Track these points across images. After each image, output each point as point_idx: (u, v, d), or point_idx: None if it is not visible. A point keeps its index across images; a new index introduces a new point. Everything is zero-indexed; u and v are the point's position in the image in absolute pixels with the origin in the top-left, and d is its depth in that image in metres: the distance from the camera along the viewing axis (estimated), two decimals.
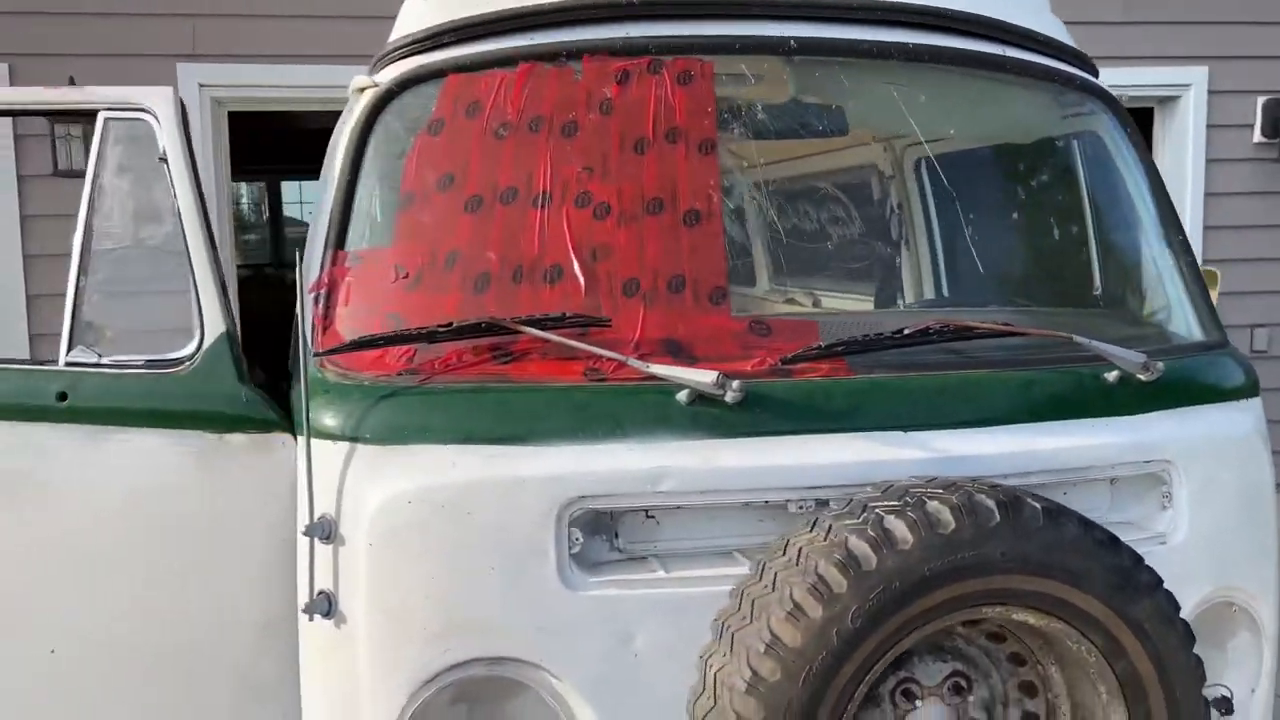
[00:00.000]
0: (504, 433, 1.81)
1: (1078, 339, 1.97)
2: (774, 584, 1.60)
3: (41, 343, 5.31)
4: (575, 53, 2.15)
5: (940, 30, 2.33)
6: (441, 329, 1.87)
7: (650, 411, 1.83)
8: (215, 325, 1.99)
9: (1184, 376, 2.09)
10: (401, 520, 1.78)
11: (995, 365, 2.01)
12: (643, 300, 1.94)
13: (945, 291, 2.87)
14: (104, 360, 2.02)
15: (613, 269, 1.97)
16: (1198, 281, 2.36)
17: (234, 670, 1.97)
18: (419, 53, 2.18)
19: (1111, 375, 2.01)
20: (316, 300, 1.99)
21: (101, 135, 2.11)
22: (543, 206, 2.02)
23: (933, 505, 1.59)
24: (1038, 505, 1.61)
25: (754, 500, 1.83)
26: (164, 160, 2.06)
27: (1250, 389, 2.19)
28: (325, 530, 1.83)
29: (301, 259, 1.99)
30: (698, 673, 1.69)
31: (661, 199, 2.03)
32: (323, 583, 1.84)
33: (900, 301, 2.83)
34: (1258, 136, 5.42)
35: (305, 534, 1.83)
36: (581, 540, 1.80)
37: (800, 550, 1.62)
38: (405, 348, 1.92)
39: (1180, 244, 2.38)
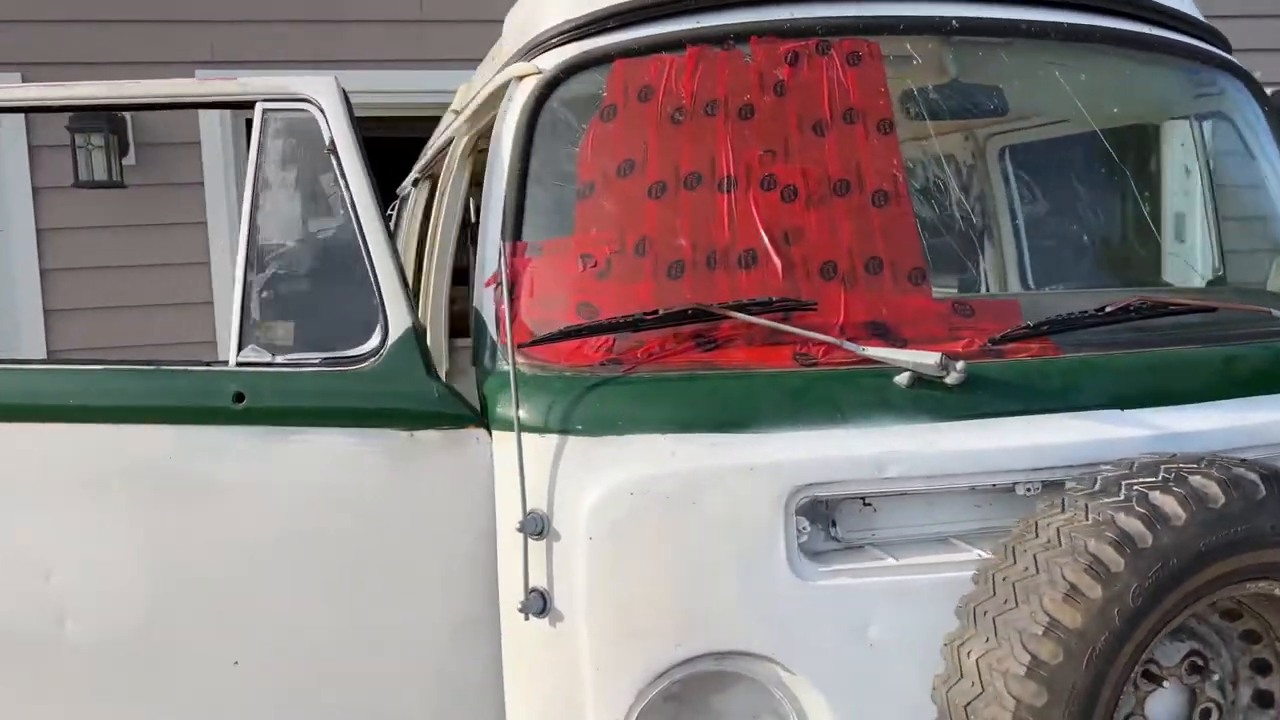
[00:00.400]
0: (725, 420, 1.76)
1: (1276, 313, 1.96)
2: (1036, 566, 1.57)
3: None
4: (742, 35, 2.11)
5: (1089, 9, 2.31)
6: (648, 316, 1.82)
7: (870, 395, 1.79)
8: (400, 320, 1.93)
9: None
10: (623, 512, 1.72)
11: (1191, 342, 1.99)
12: (842, 283, 1.91)
13: (1100, 272, 2.86)
14: (279, 360, 1.95)
15: (807, 252, 1.93)
16: None
17: (431, 674, 1.90)
18: (579, 38, 2.13)
19: None
20: (511, 292, 1.93)
21: (261, 128, 2.04)
22: (729, 191, 1.97)
23: (1197, 480, 1.56)
24: None
25: (980, 484, 1.79)
26: (332, 151, 1.99)
27: None
28: (537, 526, 1.77)
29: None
30: (947, 660, 1.65)
31: (848, 180, 2.00)
32: (535, 580, 1.77)
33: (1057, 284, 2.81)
34: None
35: (519, 530, 1.77)
36: (809, 529, 1.76)
37: (1059, 531, 1.58)
38: (603, 338, 1.86)
39: None
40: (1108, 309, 1.91)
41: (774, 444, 1.74)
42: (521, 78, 2.15)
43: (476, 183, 2.34)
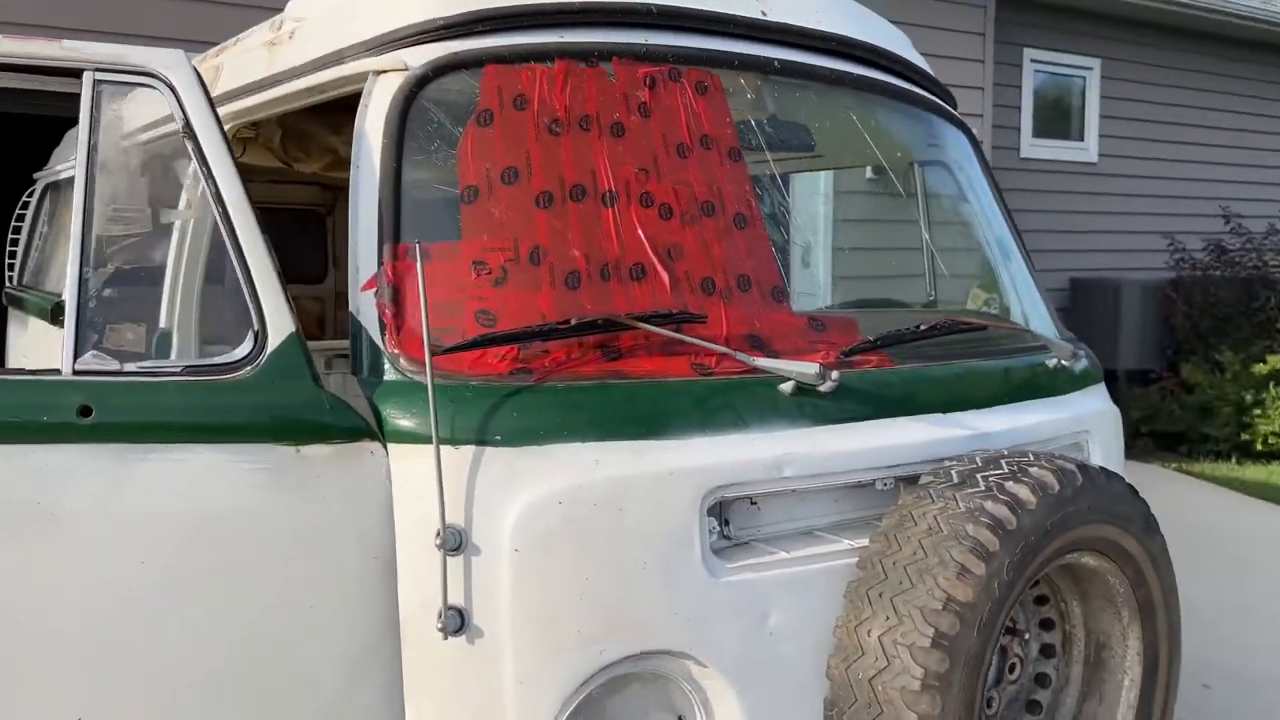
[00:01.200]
0: (645, 427, 1.82)
1: (1035, 332, 2.39)
2: (924, 550, 1.80)
3: None
4: (605, 54, 2.18)
5: (868, 64, 2.66)
6: (562, 326, 1.83)
7: (764, 402, 1.94)
8: (281, 324, 1.76)
9: (1083, 364, 2.60)
10: (553, 522, 1.73)
11: (976, 356, 2.36)
12: (721, 298, 2.04)
13: (864, 295, 3.21)
14: (128, 368, 1.71)
15: (689, 268, 2.04)
16: (1043, 292, 2.91)
17: (324, 704, 1.76)
18: (445, 38, 2.08)
19: (1050, 363, 2.45)
20: (395, 298, 1.84)
21: (92, 102, 1.77)
22: (612, 205, 2.03)
23: (1036, 471, 1.89)
24: (1096, 468, 1.98)
25: (853, 481, 2.00)
26: (189, 135, 1.78)
27: (1102, 374, 2.77)
28: (455, 541, 1.72)
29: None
30: (843, 640, 1.84)
31: (712, 202, 2.14)
32: (452, 598, 1.72)
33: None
34: None
35: (438, 546, 1.70)
36: (717, 529, 1.87)
37: (937, 519, 1.84)
38: (508, 347, 1.84)
39: (1030, 260, 2.93)
40: (923, 327, 2.22)
41: (689, 449, 1.83)
42: (381, 73, 2.05)
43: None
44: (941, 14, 7.62)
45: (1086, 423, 2.47)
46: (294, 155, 3.65)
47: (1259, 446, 8.35)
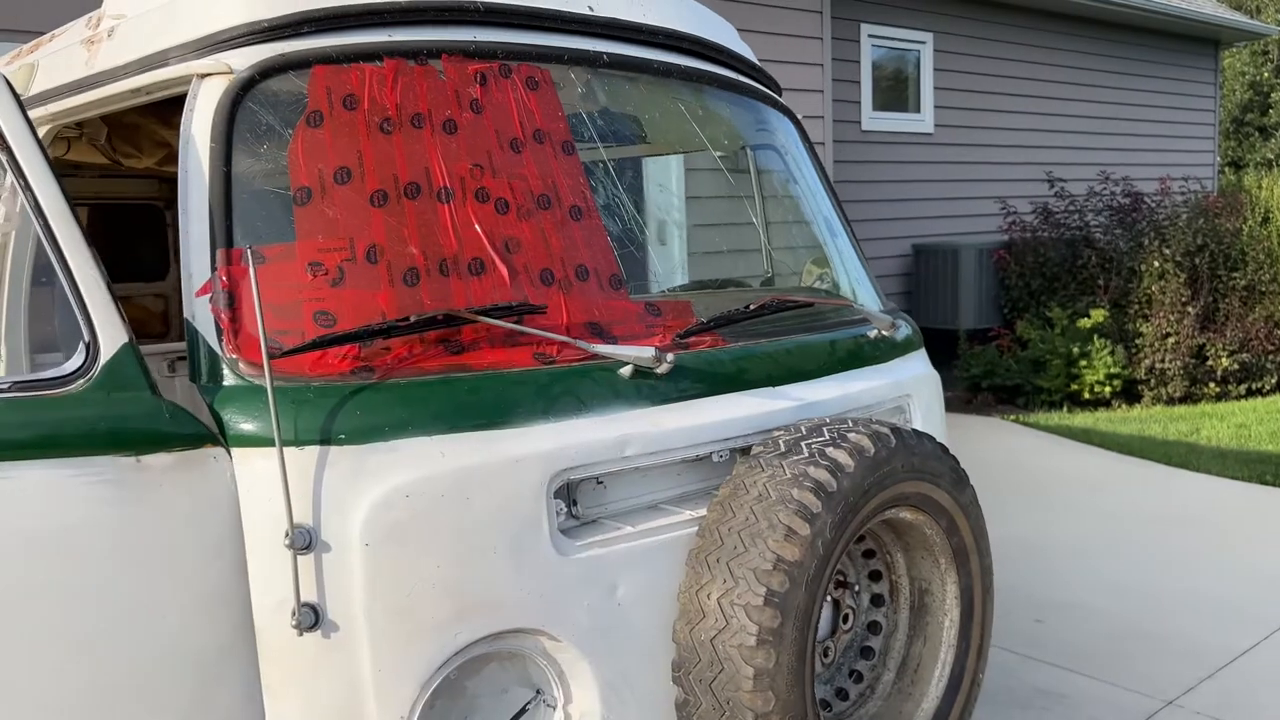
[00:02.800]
0: (488, 418, 1.89)
1: (857, 306, 2.56)
2: (755, 516, 1.94)
3: None
4: (434, 52, 2.22)
5: (695, 55, 2.77)
6: (402, 323, 1.88)
7: (604, 387, 2.03)
8: (114, 334, 1.76)
9: (903, 332, 2.79)
10: (402, 514, 1.79)
11: (804, 331, 2.52)
12: (560, 288, 2.12)
13: (690, 278, 3.33)
14: None
15: (527, 260, 2.11)
16: (867, 265, 3.10)
17: (183, 711, 1.77)
18: (269, 40, 2.09)
19: (872, 333, 2.63)
20: (230, 303, 1.86)
21: None
22: (447, 201, 2.09)
23: (854, 437, 2.05)
24: (908, 430, 2.15)
25: (690, 455, 2.12)
26: (2, 147, 1.75)
27: (922, 340, 2.97)
28: (304, 540, 1.76)
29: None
30: (685, 605, 1.97)
31: (548, 195, 2.21)
32: (304, 595, 1.76)
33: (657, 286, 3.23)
34: None
35: (287, 545, 1.74)
36: (565, 510, 1.96)
37: (766, 486, 1.97)
38: (348, 346, 1.88)
39: (854, 236, 3.11)
40: (751, 307, 2.35)
41: (533, 436, 1.92)
42: (206, 75, 2.04)
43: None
44: None
45: (907, 387, 2.66)
46: (124, 152, 3.55)
47: (1086, 395, 8.99)
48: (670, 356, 2.05)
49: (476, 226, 2.08)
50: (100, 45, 2.47)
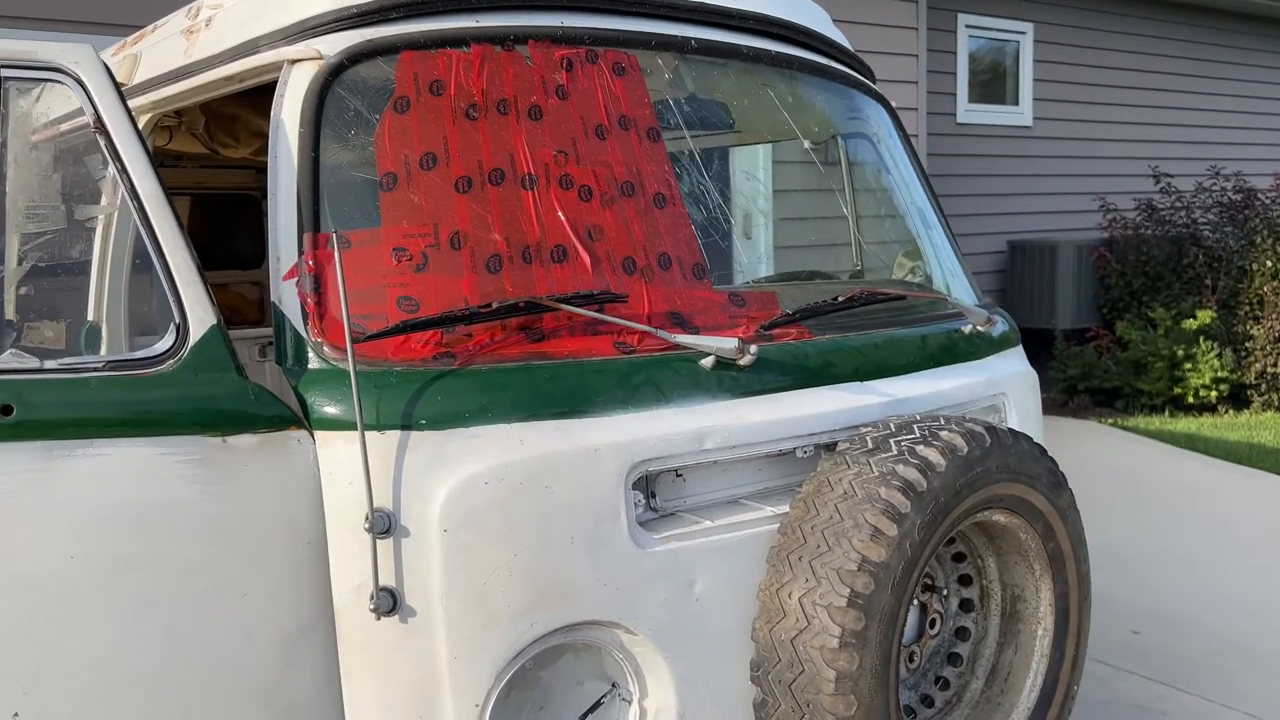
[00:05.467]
0: (567, 406, 1.87)
1: (952, 300, 2.47)
2: (840, 514, 1.88)
3: None
4: (520, 38, 2.20)
5: (785, 40, 2.71)
6: (484, 310, 1.87)
7: (684, 378, 1.99)
8: (202, 317, 1.78)
9: (999, 328, 2.69)
10: (480, 501, 1.77)
11: (894, 325, 2.44)
12: (642, 277, 2.09)
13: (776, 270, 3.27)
14: (49, 365, 1.72)
15: (610, 248, 2.08)
16: (963, 259, 2.99)
17: (261, 689, 1.79)
18: (359, 25, 2.10)
19: (967, 328, 2.54)
20: (317, 287, 1.87)
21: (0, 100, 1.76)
22: (531, 188, 2.07)
23: (946, 435, 1.97)
24: (1004, 429, 2.06)
25: (773, 450, 2.07)
26: (100, 130, 1.78)
27: (1019, 337, 2.86)
28: (384, 524, 1.76)
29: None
30: (765, 603, 1.91)
31: (631, 182, 2.18)
32: (383, 579, 1.76)
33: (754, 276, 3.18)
34: None
35: (367, 529, 1.74)
36: (643, 502, 1.93)
37: (852, 484, 1.91)
38: (430, 332, 1.88)
39: (949, 229, 3.01)
40: (840, 299, 2.28)
41: (611, 426, 1.89)
42: (296, 61, 2.06)
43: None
44: None
45: (1003, 385, 2.56)
46: (222, 141, 3.62)
47: (1190, 400, 8.62)
48: (753, 348, 2.00)
49: (560, 214, 2.06)
50: (199, 35, 2.51)
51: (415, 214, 1.98)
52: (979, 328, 2.56)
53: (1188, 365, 8.58)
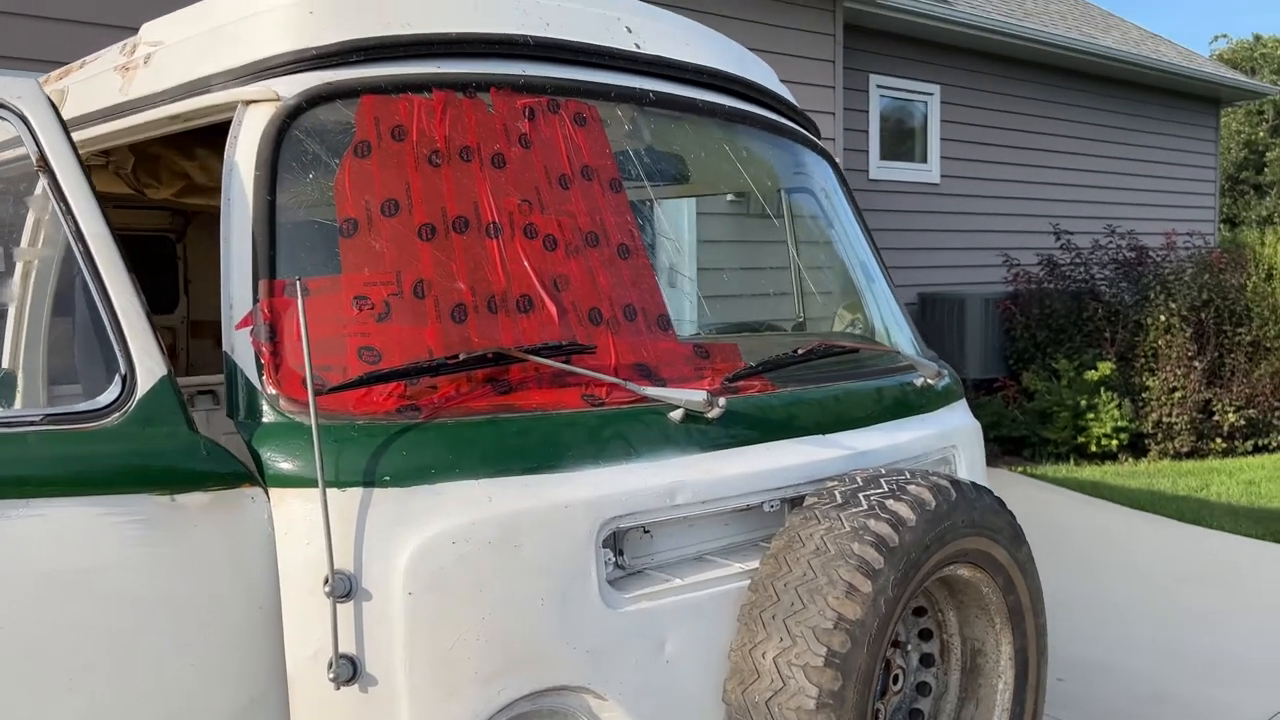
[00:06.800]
0: (536, 461, 1.81)
1: (903, 353, 2.49)
2: (813, 571, 1.85)
3: None
4: (483, 85, 2.17)
5: (738, 96, 2.73)
6: (450, 361, 1.80)
7: (654, 431, 1.95)
8: (152, 366, 1.68)
9: (946, 382, 2.73)
10: (447, 561, 1.70)
11: (850, 378, 2.44)
12: (608, 328, 2.05)
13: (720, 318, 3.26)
14: None
15: (575, 298, 2.04)
16: (905, 311, 3.04)
17: None
18: (317, 68, 2.03)
19: (918, 381, 2.56)
20: (273, 336, 1.78)
21: None
22: (496, 236, 2.02)
23: (914, 489, 1.97)
24: (967, 483, 2.07)
25: (741, 505, 2.04)
26: (45, 169, 1.68)
27: (963, 390, 2.91)
28: (344, 587, 1.67)
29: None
30: (738, 664, 1.87)
31: (595, 233, 2.15)
32: (342, 645, 1.67)
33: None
34: None
35: (328, 593, 1.65)
36: (611, 559, 1.87)
37: (823, 539, 1.89)
38: (393, 384, 1.81)
39: (891, 281, 3.05)
40: (799, 351, 2.28)
41: (582, 481, 1.83)
42: (252, 102, 1.99)
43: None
44: (795, 42, 7.88)
45: (953, 437, 2.59)
46: (145, 182, 3.48)
47: (1093, 448, 8.92)
48: (722, 401, 1.98)
49: (525, 263, 2.02)
50: (136, 72, 2.41)
51: (377, 261, 1.91)
52: (929, 380, 2.59)
53: (1090, 415, 8.89)
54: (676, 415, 1.97)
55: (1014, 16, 10.61)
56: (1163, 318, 9.10)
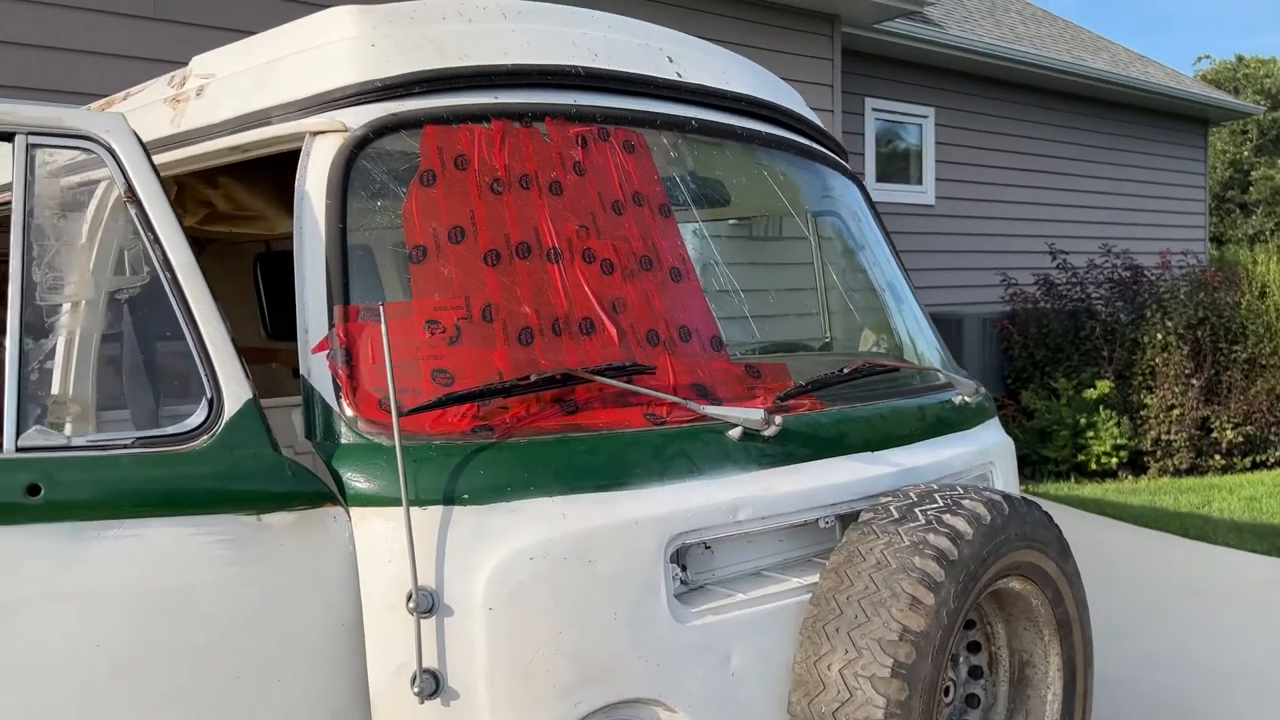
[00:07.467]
0: (606, 479, 1.86)
1: (942, 372, 2.55)
2: (876, 584, 1.90)
3: None
4: (538, 114, 2.23)
5: (771, 121, 2.80)
6: (522, 383, 1.85)
7: (715, 449, 2.00)
8: (238, 390, 1.73)
9: (983, 399, 2.79)
10: (525, 577, 1.74)
11: (895, 396, 2.50)
12: (665, 349, 2.11)
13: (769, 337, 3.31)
14: (76, 442, 1.64)
15: (633, 321, 2.10)
16: (936, 330, 3.11)
17: None
18: (381, 100, 2.09)
19: (957, 399, 2.62)
20: (349, 361, 1.83)
21: (25, 166, 1.70)
22: (556, 261, 2.08)
23: (969, 504, 2.02)
24: (1018, 498, 2.13)
25: (799, 521, 2.09)
26: (133, 201, 1.73)
27: (995, 408, 2.97)
28: (427, 603, 1.71)
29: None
30: (802, 676, 1.92)
31: (649, 256, 2.21)
32: (425, 660, 1.71)
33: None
34: None
35: (411, 610, 1.69)
36: (678, 575, 1.92)
37: (884, 553, 1.94)
38: (467, 405, 1.86)
39: (919, 301, 3.12)
40: (846, 370, 2.34)
41: (649, 498, 1.88)
42: (319, 133, 2.04)
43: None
44: (795, 66, 8.00)
45: (991, 454, 2.65)
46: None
47: (1093, 466, 9.00)
48: (778, 419, 2.03)
49: (585, 287, 2.07)
50: (187, 104, 2.46)
51: (446, 286, 1.96)
52: (966, 398, 2.65)
53: (1090, 433, 8.98)
54: (735, 434, 2.03)
55: (1006, 40, 10.78)
56: (1159, 336, 9.21)
